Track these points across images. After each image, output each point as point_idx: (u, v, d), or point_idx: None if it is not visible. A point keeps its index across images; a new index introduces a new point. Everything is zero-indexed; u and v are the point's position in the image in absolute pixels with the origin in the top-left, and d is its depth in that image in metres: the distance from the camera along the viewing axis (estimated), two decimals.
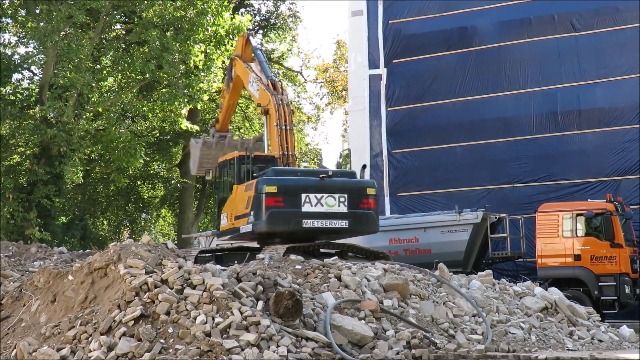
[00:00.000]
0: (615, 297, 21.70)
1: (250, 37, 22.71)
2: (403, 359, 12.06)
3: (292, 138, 19.59)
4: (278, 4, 41.98)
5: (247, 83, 21.55)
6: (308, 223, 17.80)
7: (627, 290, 21.85)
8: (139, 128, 37.63)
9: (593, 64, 27.93)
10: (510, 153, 28.46)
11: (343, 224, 17.91)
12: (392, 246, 24.02)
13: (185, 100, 29.77)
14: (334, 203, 17.89)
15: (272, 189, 17.83)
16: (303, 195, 17.80)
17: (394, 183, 30.32)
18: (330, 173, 18.11)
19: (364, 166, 22.19)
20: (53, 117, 28.48)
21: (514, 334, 14.27)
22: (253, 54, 22.03)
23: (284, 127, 19.52)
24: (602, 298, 21.76)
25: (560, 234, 22.54)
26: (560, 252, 22.42)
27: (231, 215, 19.06)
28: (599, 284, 21.84)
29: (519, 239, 24.89)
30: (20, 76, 31.75)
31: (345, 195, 17.88)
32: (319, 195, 17.84)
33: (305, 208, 17.80)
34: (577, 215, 22.42)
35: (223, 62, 30.98)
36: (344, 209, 17.89)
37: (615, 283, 21.74)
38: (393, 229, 24.62)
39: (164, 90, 30.00)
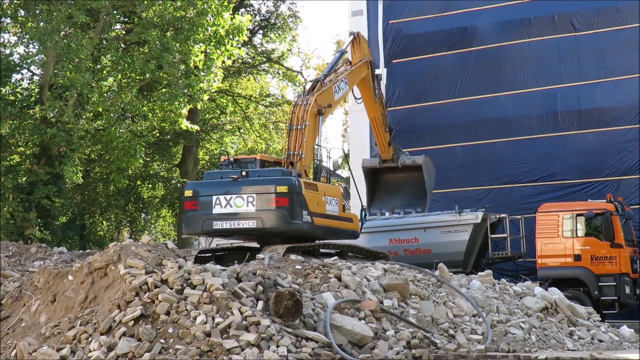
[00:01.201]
0: (616, 297, 21.70)
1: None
2: (403, 359, 12.06)
3: (300, 137, 19.66)
4: (278, 4, 41.97)
5: None
6: (218, 225, 18.12)
7: (627, 290, 21.86)
8: (138, 128, 37.61)
9: (593, 64, 27.92)
10: (510, 153, 28.45)
11: (251, 223, 17.97)
12: (392, 246, 24.01)
13: (185, 100, 29.74)
14: (242, 203, 18.02)
15: (189, 192, 18.54)
16: (214, 198, 18.12)
17: None
18: (244, 174, 18.18)
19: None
20: (53, 117, 28.46)
21: (514, 334, 14.27)
22: None
23: (293, 128, 19.69)
24: (602, 298, 21.76)
25: (560, 234, 22.54)
26: (561, 252, 22.42)
27: None
28: (599, 284, 21.85)
29: (519, 239, 24.88)
30: (20, 76, 31.74)
31: (254, 195, 17.94)
32: (228, 197, 18.06)
33: (216, 210, 18.09)
34: (577, 215, 22.43)
35: (223, 62, 30.97)
36: (252, 209, 17.96)
37: (615, 283, 21.74)
38: (393, 229, 24.61)
39: (164, 90, 29.96)
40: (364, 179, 24.50)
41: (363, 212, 21.32)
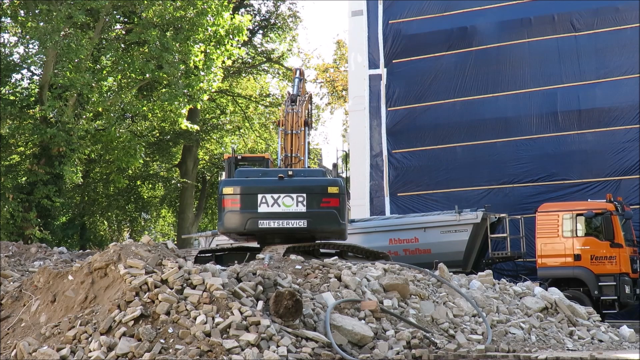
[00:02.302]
0: (615, 297, 21.71)
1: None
2: (403, 359, 12.06)
3: (297, 141, 19.79)
4: (278, 4, 41.99)
5: None
6: (264, 223, 17.87)
7: (627, 290, 21.86)
8: (138, 128, 37.63)
9: (593, 64, 27.94)
10: (510, 153, 28.47)
11: (301, 223, 17.81)
12: (392, 246, 24.03)
13: (185, 100, 29.76)
14: (292, 203, 17.85)
15: (229, 189, 18.06)
16: (259, 196, 17.86)
17: (394, 183, 30.32)
18: (290, 173, 18.05)
19: (335, 165, 22.26)
20: (53, 117, 28.47)
21: (514, 334, 14.27)
22: None
23: (289, 132, 19.77)
24: (602, 298, 21.77)
25: (560, 234, 22.55)
26: (560, 252, 22.43)
27: None
28: (599, 283, 21.85)
29: (519, 239, 24.89)
30: (20, 76, 31.76)
31: (304, 195, 17.79)
32: (275, 196, 17.84)
33: (262, 209, 17.84)
34: (577, 215, 22.43)
35: (223, 62, 30.97)
36: (302, 208, 17.81)
37: (615, 283, 21.75)
38: (393, 229, 24.64)
39: (163, 90, 29.98)
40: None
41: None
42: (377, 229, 24.46)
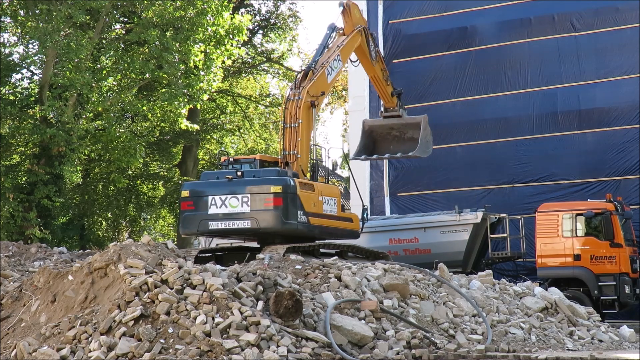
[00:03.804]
0: (615, 297, 21.69)
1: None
2: (403, 359, 12.06)
3: (293, 136, 19.50)
4: (278, 4, 41.98)
5: None
6: (214, 225, 18.18)
7: (627, 290, 21.85)
8: (138, 128, 37.62)
9: (593, 64, 27.91)
10: (510, 153, 28.44)
11: (246, 224, 18.02)
12: (392, 246, 24.02)
13: (185, 100, 29.75)
14: (237, 204, 18.07)
15: (186, 193, 18.62)
16: (210, 198, 18.19)
17: (394, 183, 30.29)
18: (239, 174, 18.16)
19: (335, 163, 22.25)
20: (53, 117, 28.47)
21: (514, 334, 14.28)
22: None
23: (287, 126, 19.56)
24: (602, 298, 21.75)
25: (560, 233, 22.54)
26: (560, 252, 22.41)
27: None
28: (599, 283, 21.83)
29: (519, 239, 24.88)
30: (20, 76, 31.75)
31: (249, 196, 17.97)
32: (224, 197, 18.11)
33: (212, 210, 18.17)
34: (577, 215, 22.42)
35: (223, 62, 30.97)
36: (247, 209, 17.99)
37: (615, 283, 21.72)
38: (393, 229, 24.62)
39: (163, 90, 29.97)
40: (361, 134, 24.15)
41: (364, 212, 21.27)
42: (377, 229, 24.44)
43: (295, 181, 18.00)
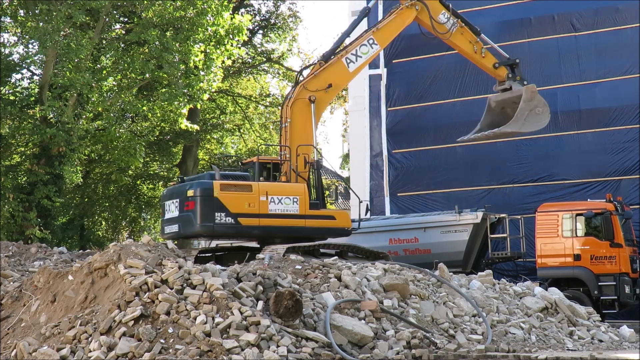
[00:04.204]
0: (615, 297, 21.70)
1: None
2: (403, 359, 12.06)
3: (284, 136, 19.51)
4: (278, 4, 41.96)
5: None
6: (167, 229, 18.91)
7: (627, 290, 21.86)
8: (138, 128, 37.62)
9: (593, 64, 27.91)
10: (510, 153, 28.43)
11: (175, 228, 18.59)
12: (392, 246, 24.03)
13: (185, 100, 29.75)
14: (174, 209, 18.68)
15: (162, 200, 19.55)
16: (165, 204, 19.10)
17: (394, 183, 30.29)
18: (178, 180, 19.15)
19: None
20: (53, 117, 28.46)
21: (514, 334, 14.28)
22: None
23: (282, 125, 19.59)
24: (602, 298, 21.76)
25: (560, 233, 22.55)
26: (560, 252, 22.43)
27: None
28: (599, 283, 21.85)
29: (519, 239, 24.88)
30: (20, 76, 31.75)
31: (177, 200, 18.54)
32: (169, 203, 18.89)
33: (165, 215, 19.04)
34: (577, 215, 22.43)
35: (223, 62, 30.96)
36: (176, 213, 18.56)
37: (615, 283, 21.74)
38: (393, 229, 24.63)
39: (163, 90, 29.96)
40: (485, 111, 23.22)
41: (367, 210, 21.14)
42: (377, 229, 24.45)
43: (214, 184, 18.16)
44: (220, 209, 18.05)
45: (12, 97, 29.61)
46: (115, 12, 31.09)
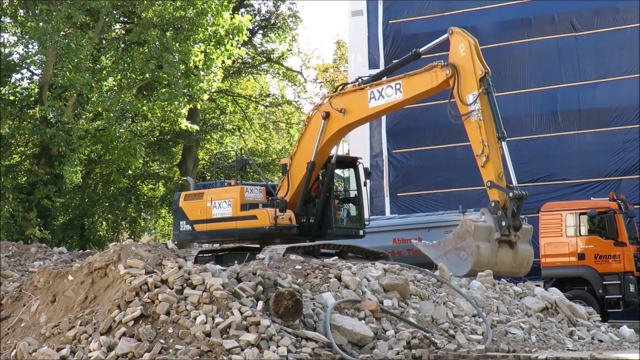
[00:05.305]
0: (620, 296, 21.64)
1: None
2: (403, 359, 12.04)
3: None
4: (278, 4, 41.96)
5: None
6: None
7: (632, 288, 21.79)
8: (138, 128, 37.62)
9: (593, 64, 27.90)
10: (510, 153, 28.36)
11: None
12: (396, 246, 24.01)
13: (185, 100, 29.76)
14: None
15: None
16: None
17: (394, 183, 30.28)
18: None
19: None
20: (53, 117, 28.47)
21: (514, 334, 14.25)
22: None
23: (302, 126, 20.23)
24: (606, 297, 21.71)
25: (563, 233, 22.51)
26: (564, 251, 22.37)
27: None
28: (604, 282, 21.78)
29: None
30: (20, 76, 31.76)
31: None
32: None
33: None
34: (581, 214, 22.40)
35: (223, 62, 30.97)
36: None
37: (619, 282, 21.67)
38: (397, 229, 24.60)
39: (163, 90, 29.97)
40: None
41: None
42: (381, 229, 24.42)
43: (181, 195, 19.87)
44: (183, 217, 19.49)
45: (12, 97, 29.63)
46: (115, 12, 31.11)
